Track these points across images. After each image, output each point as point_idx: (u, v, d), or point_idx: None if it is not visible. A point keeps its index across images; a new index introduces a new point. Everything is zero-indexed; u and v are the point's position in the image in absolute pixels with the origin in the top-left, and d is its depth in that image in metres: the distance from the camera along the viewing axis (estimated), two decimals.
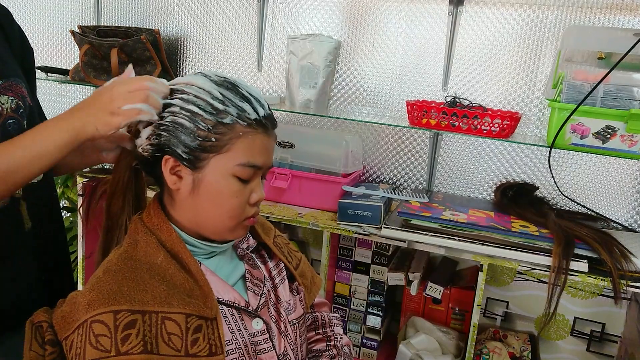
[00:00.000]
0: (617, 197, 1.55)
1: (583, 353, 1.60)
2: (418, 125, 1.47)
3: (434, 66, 1.64)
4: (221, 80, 0.79)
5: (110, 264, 0.77)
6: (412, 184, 1.74)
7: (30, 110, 0.94)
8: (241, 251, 0.88)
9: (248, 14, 1.82)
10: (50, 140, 0.79)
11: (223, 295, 0.79)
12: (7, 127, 0.87)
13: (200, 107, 0.76)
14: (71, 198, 2.09)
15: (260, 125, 0.79)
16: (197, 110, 0.76)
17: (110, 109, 0.78)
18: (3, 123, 0.88)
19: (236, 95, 0.78)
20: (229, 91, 0.78)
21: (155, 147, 0.79)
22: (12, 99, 0.90)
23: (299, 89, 1.67)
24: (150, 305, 0.72)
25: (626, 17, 1.45)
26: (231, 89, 0.78)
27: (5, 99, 0.89)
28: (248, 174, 0.79)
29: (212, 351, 0.74)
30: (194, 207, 0.79)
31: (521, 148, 1.60)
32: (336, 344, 0.98)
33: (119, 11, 1.98)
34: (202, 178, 0.77)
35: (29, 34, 1.06)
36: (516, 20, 1.55)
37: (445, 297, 1.58)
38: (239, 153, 0.77)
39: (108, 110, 0.78)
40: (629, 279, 1.19)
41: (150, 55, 1.76)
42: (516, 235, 1.29)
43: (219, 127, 0.76)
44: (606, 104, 1.27)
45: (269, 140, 0.81)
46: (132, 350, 0.69)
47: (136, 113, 0.77)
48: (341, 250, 1.65)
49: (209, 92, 0.77)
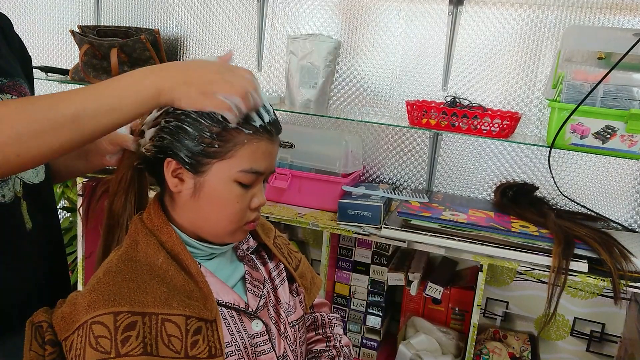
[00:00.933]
0: (617, 197, 1.55)
1: (583, 353, 1.60)
2: (418, 125, 1.47)
3: (433, 66, 1.64)
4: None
5: (111, 265, 0.77)
6: (412, 184, 1.74)
7: None
8: (241, 252, 0.87)
9: (248, 14, 1.82)
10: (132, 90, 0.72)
11: (223, 297, 0.79)
12: None
13: (205, 114, 0.75)
14: (71, 198, 2.09)
15: (265, 131, 0.78)
16: (202, 117, 0.75)
17: (204, 89, 0.73)
18: None
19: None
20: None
21: (158, 148, 0.79)
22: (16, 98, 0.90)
23: (299, 89, 1.67)
24: (150, 306, 0.72)
25: (626, 17, 1.45)
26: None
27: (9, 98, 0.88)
28: (250, 180, 0.78)
29: (212, 353, 0.73)
30: (195, 210, 0.79)
31: (521, 148, 1.60)
32: (336, 345, 0.98)
33: (119, 11, 1.98)
34: (204, 182, 0.77)
35: (29, 34, 1.06)
36: (516, 20, 1.55)
37: (445, 297, 1.58)
38: (242, 159, 0.76)
39: (202, 88, 0.73)
40: (629, 279, 1.19)
41: (150, 55, 1.76)
42: (516, 236, 1.29)
43: (223, 134, 0.75)
44: (606, 104, 1.27)
45: (273, 146, 0.80)
46: (132, 352, 0.69)
47: (227, 108, 0.74)
48: (341, 250, 1.65)
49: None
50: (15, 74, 0.92)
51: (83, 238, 1.60)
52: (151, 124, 0.79)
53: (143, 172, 0.88)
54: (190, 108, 0.75)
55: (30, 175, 0.93)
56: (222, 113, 0.74)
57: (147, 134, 0.80)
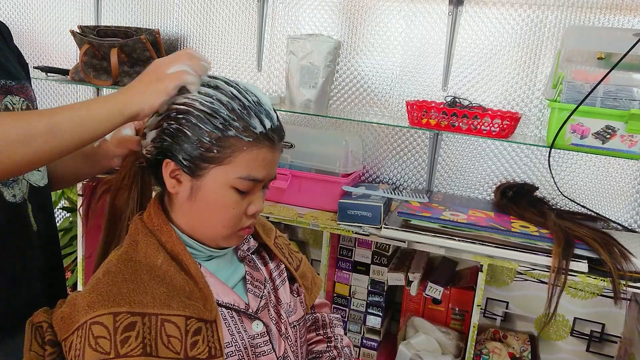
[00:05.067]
0: (617, 197, 1.55)
1: (583, 353, 1.60)
2: (418, 125, 1.47)
3: (433, 66, 1.64)
4: (230, 90, 0.77)
5: (110, 265, 0.77)
6: (412, 184, 1.74)
7: None
8: (242, 253, 0.87)
9: (248, 14, 1.81)
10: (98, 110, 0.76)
11: (223, 298, 0.79)
12: None
13: (206, 119, 0.75)
14: (71, 198, 2.09)
15: (266, 138, 0.77)
16: (202, 122, 0.75)
17: (155, 77, 0.78)
18: None
19: (244, 108, 0.76)
20: (236, 104, 0.76)
21: (158, 150, 0.79)
22: (24, 100, 0.92)
23: (299, 89, 1.67)
24: (149, 307, 0.72)
25: (626, 17, 1.45)
26: (240, 101, 0.76)
27: (17, 100, 0.91)
28: (247, 186, 0.77)
29: (212, 354, 0.73)
30: (191, 213, 0.79)
31: (521, 148, 1.60)
32: (337, 345, 0.98)
33: (119, 11, 1.98)
34: (201, 186, 0.77)
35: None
36: (516, 20, 1.55)
37: (445, 297, 1.58)
38: (240, 166, 0.76)
39: (153, 78, 0.77)
40: (629, 279, 1.19)
41: (150, 56, 1.75)
42: (516, 236, 1.28)
43: (223, 140, 0.75)
44: (606, 104, 1.27)
45: (274, 153, 0.80)
46: (132, 353, 0.69)
47: (183, 73, 0.77)
48: (341, 250, 1.65)
49: (216, 104, 0.76)
50: (21, 78, 0.94)
51: (83, 238, 1.60)
52: (153, 126, 0.80)
53: (146, 170, 0.88)
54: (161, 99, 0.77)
55: (37, 178, 0.95)
56: (185, 81, 0.77)
57: (148, 136, 0.80)
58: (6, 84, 0.90)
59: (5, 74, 0.91)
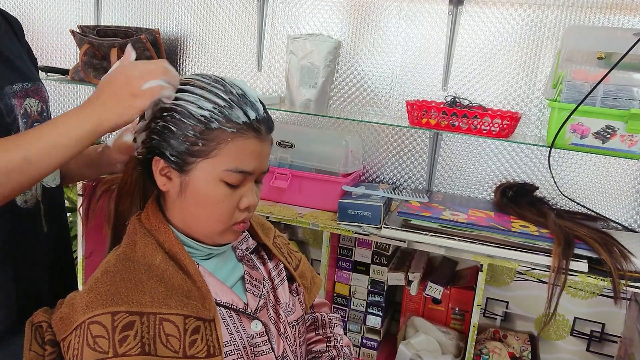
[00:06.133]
0: (617, 197, 1.55)
1: (583, 353, 1.60)
2: (418, 125, 1.47)
3: (433, 66, 1.64)
4: (213, 84, 0.77)
5: (109, 265, 0.77)
6: (412, 184, 1.73)
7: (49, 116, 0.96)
8: (240, 252, 0.87)
9: (248, 14, 1.81)
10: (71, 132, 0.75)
11: (221, 297, 0.79)
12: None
13: (189, 113, 0.75)
14: (71, 198, 2.09)
15: (252, 129, 0.77)
16: (186, 117, 0.75)
17: (129, 92, 0.75)
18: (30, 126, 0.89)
19: (227, 101, 0.76)
20: (218, 97, 0.76)
21: (148, 149, 0.80)
22: (38, 102, 0.93)
23: (299, 89, 1.67)
24: (148, 306, 0.72)
25: (626, 17, 1.45)
26: (224, 94, 0.77)
27: (33, 102, 0.91)
28: (236, 180, 0.77)
29: (210, 352, 0.73)
30: (183, 210, 0.79)
31: (521, 148, 1.60)
32: (336, 345, 0.98)
33: (119, 11, 1.98)
34: (189, 181, 0.77)
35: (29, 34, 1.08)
36: (516, 20, 1.55)
37: (445, 297, 1.58)
38: (227, 158, 0.76)
39: (127, 94, 0.75)
40: (629, 279, 1.19)
41: (150, 55, 1.75)
42: (516, 235, 1.28)
43: (206, 132, 0.75)
44: (606, 104, 1.27)
45: (262, 144, 0.79)
46: (130, 352, 0.69)
47: (159, 89, 0.75)
48: (341, 250, 1.65)
49: (199, 97, 0.76)
50: (35, 78, 0.94)
51: (83, 238, 1.60)
52: (143, 129, 0.80)
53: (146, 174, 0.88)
54: (135, 115, 0.76)
55: (49, 178, 0.95)
56: (161, 96, 0.76)
57: (139, 139, 0.81)
58: (24, 87, 0.90)
59: (23, 77, 0.91)
